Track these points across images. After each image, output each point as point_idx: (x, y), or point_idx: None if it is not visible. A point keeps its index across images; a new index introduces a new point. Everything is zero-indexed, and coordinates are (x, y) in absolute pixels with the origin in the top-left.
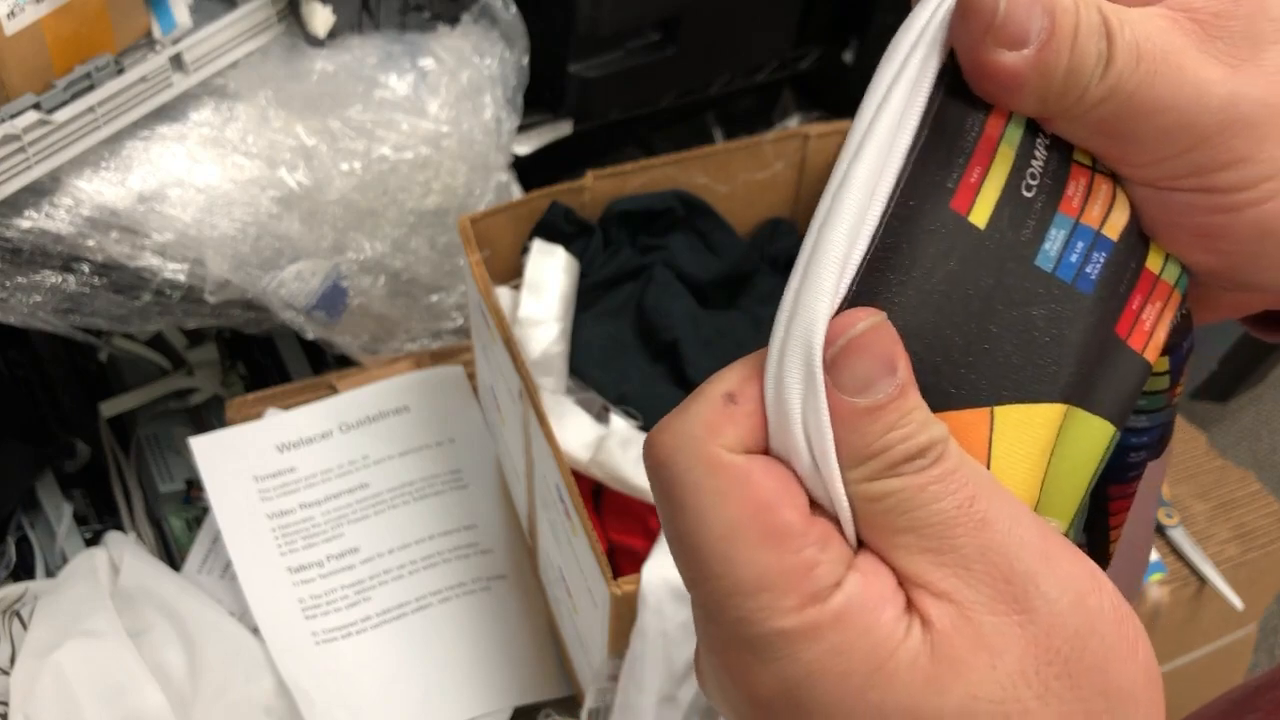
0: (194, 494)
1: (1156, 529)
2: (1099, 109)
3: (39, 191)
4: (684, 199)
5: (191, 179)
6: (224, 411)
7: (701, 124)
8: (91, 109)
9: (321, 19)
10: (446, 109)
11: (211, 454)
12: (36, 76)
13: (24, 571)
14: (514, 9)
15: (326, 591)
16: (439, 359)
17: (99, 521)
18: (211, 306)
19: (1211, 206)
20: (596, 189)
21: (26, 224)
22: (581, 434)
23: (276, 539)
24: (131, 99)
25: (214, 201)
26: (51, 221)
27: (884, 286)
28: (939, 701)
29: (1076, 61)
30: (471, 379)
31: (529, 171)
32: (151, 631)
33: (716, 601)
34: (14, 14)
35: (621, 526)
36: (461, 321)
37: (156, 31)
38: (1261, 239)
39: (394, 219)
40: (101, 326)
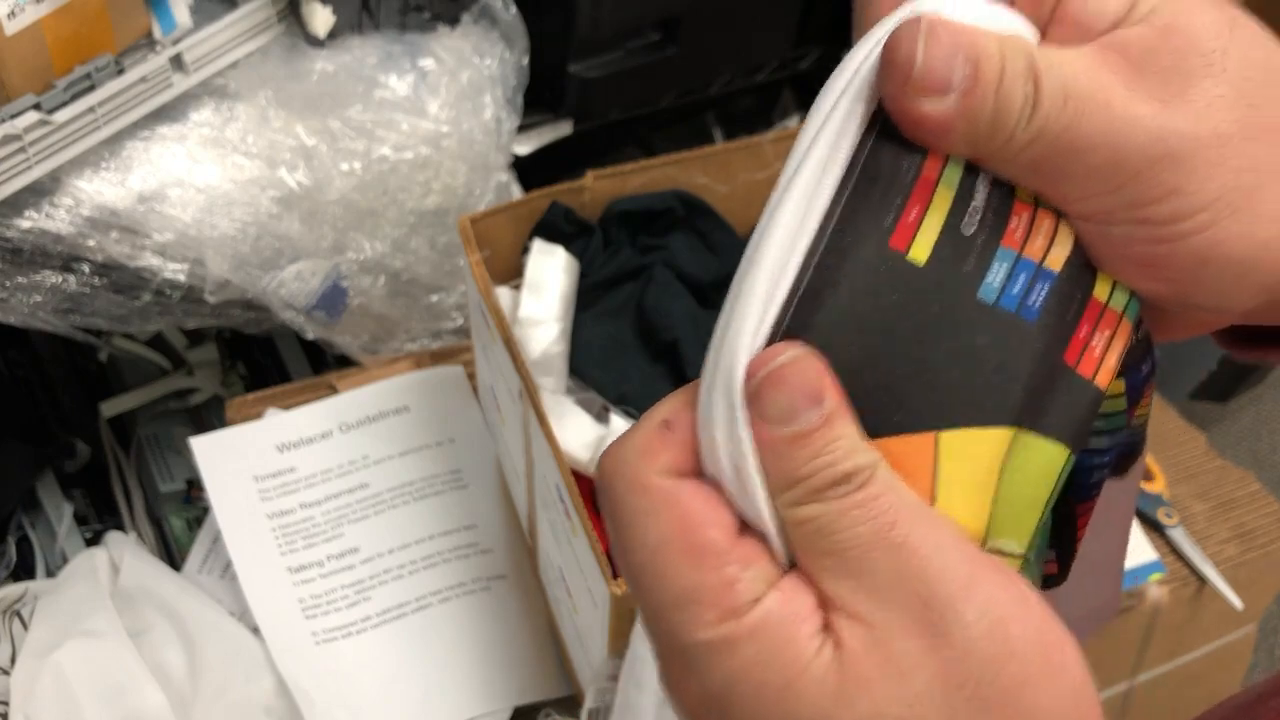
0: (194, 494)
1: (1156, 529)
2: (1029, 150)
3: (39, 191)
4: (684, 199)
5: (192, 179)
6: (224, 411)
7: (701, 124)
8: (92, 109)
9: (321, 19)
10: (446, 109)
11: (212, 454)
12: (37, 77)
13: (24, 571)
14: (514, 9)
15: (326, 591)
16: (439, 359)
17: (99, 521)
18: (211, 306)
19: (1150, 238)
20: (596, 189)
21: (27, 224)
22: (581, 434)
23: (276, 539)
24: (132, 99)
25: (214, 201)
26: (52, 221)
27: (820, 319)
28: (845, 715)
29: (1002, 105)
30: (471, 379)
31: (529, 171)
32: (152, 631)
33: (651, 613)
34: (14, 14)
35: None
36: (461, 321)
37: (157, 32)
38: (1202, 266)
39: (394, 219)
40: (101, 326)
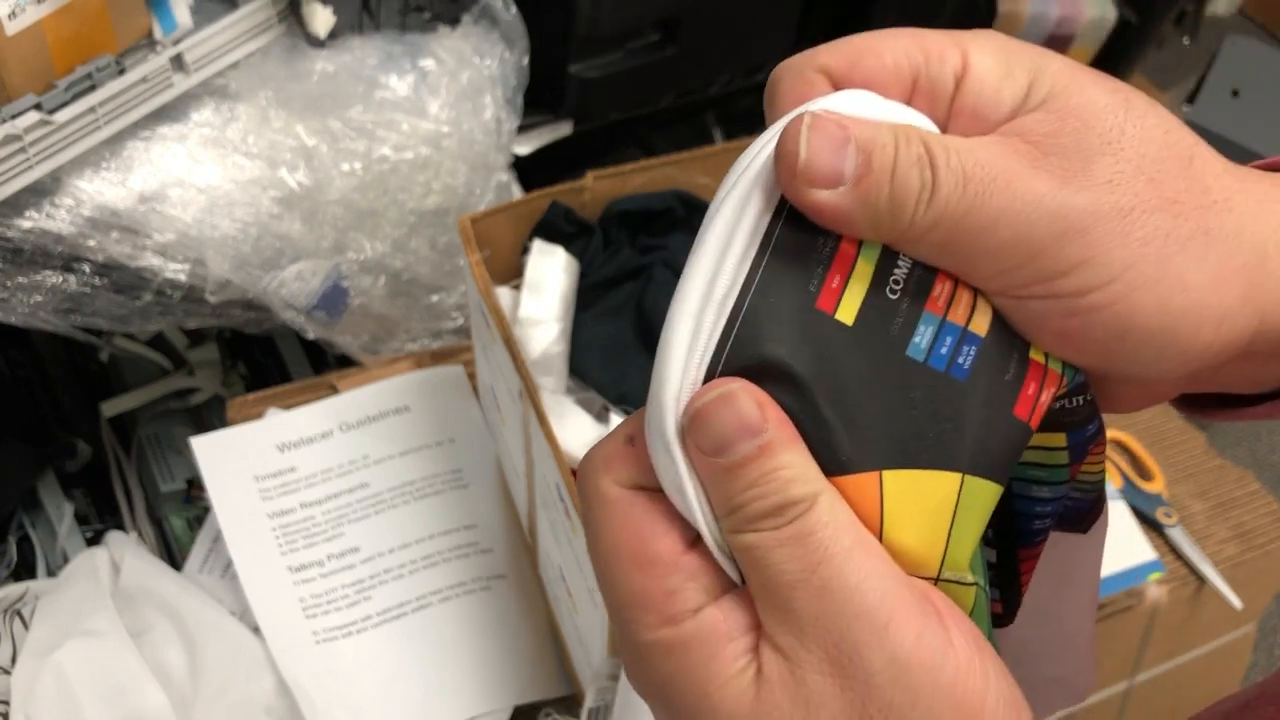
0: (195, 493)
1: (1156, 528)
2: (932, 233)
3: (40, 191)
4: (684, 199)
5: (192, 179)
6: (225, 411)
7: (701, 124)
8: (92, 109)
9: (322, 20)
10: (447, 109)
11: (212, 454)
12: (37, 77)
13: (25, 571)
14: (514, 10)
15: (327, 591)
16: (439, 359)
17: (100, 521)
18: (212, 306)
19: (1064, 311)
20: (596, 189)
21: (27, 224)
22: (581, 434)
23: (277, 538)
24: (132, 99)
25: (215, 201)
26: (52, 221)
27: (752, 364)
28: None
29: (898, 192)
30: (472, 379)
31: (529, 171)
32: (152, 631)
33: (609, 608)
34: (15, 14)
35: None
36: (462, 321)
37: (157, 32)
38: (1120, 339)
39: (394, 219)
40: (102, 326)
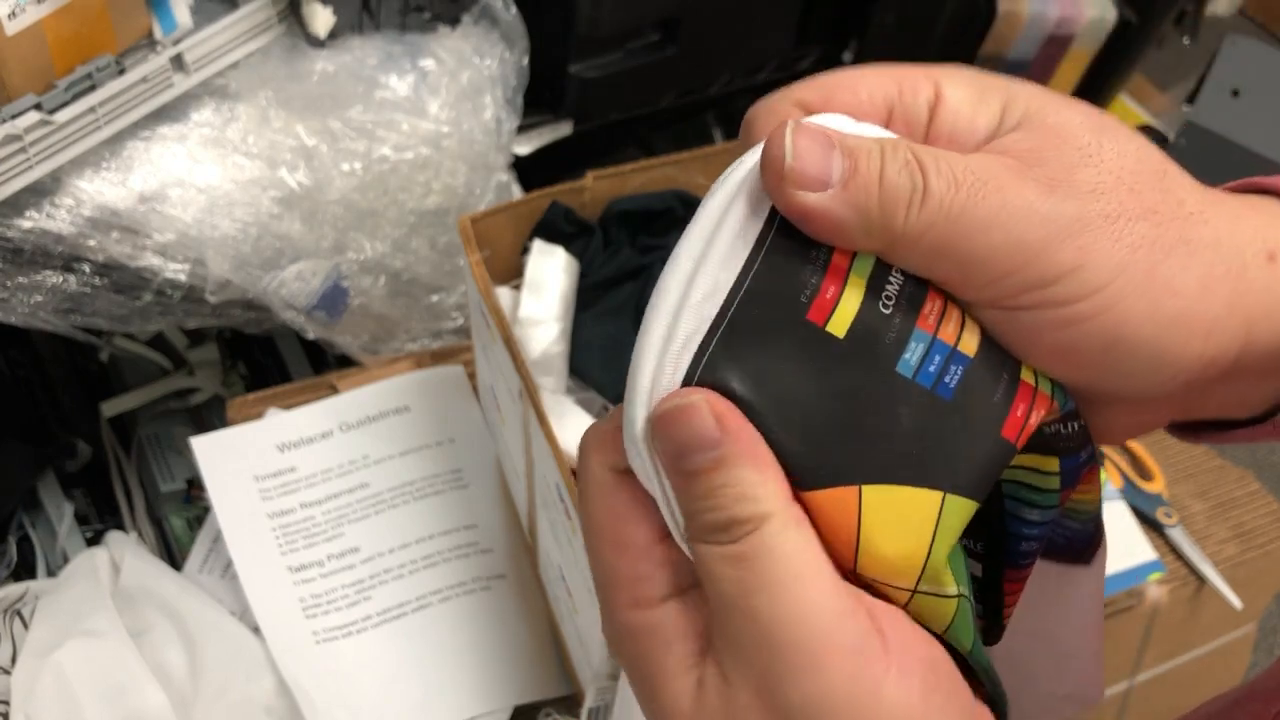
0: (195, 493)
1: (1156, 528)
2: (927, 235)
3: (40, 192)
4: (684, 199)
5: (192, 179)
6: (225, 411)
7: (701, 124)
8: (92, 109)
9: (322, 20)
10: (447, 109)
11: (212, 454)
12: (37, 77)
13: (25, 571)
14: (514, 10)
15: (327, 591)
16: (439, 359)
17: (100, 521)
18: (212, 306)
19: (1056, 322)
20: (596, 189)
21: (28, 224)
22: (581, 434)
23: (277, 538)
24: (132, 99)
25: (215, 202)
26: (52, 221)
27: (733, 374)
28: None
29: (889, 194)
30: (472, 379)
31: (529, 171)
32: (152, 631)
33: (593, 580)
34: (15, 14)
35: None
36: (462, 321)
37: (157, 32)
38: (1111, 349)
39: (394, 219)
40: (102, 326)
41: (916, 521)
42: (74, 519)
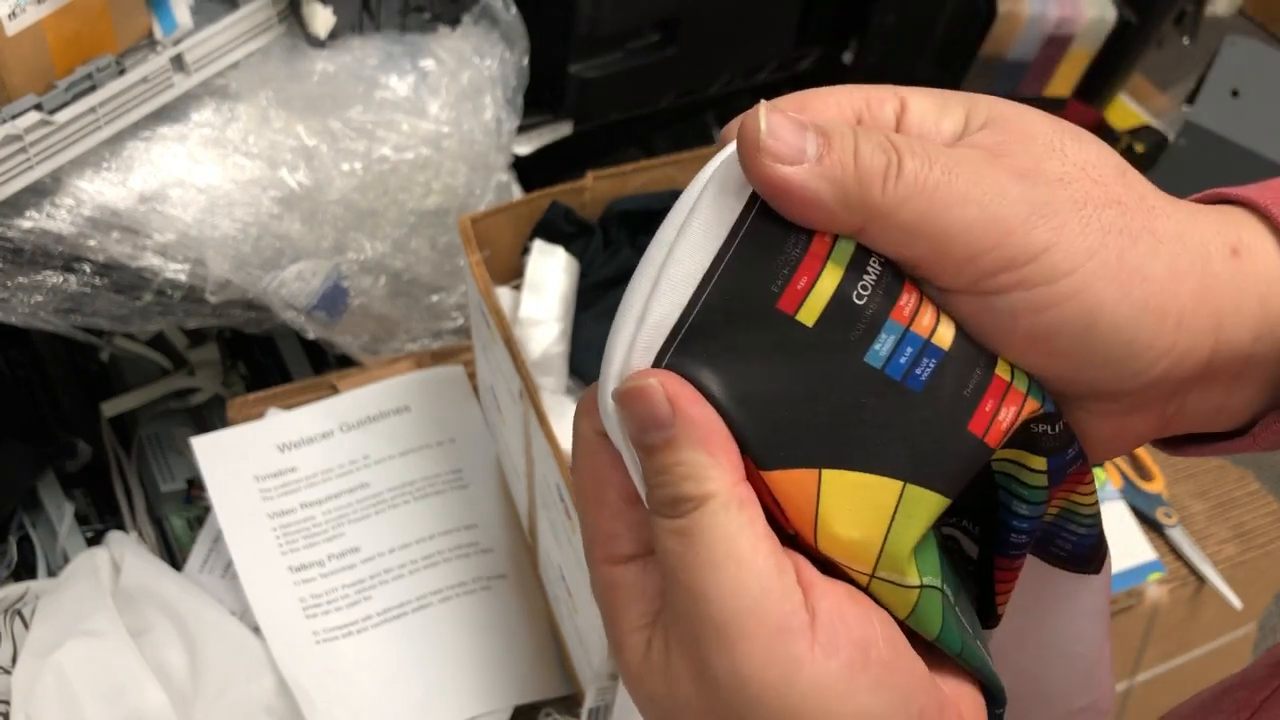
0: (195, 493)
1: (1156, 528)
2: (904, 209)
3: (40, 192)
4: None
5: (192, 179)
6: (225, 411)
7: (701, 124)
8: (93, 109)
9: (322, 20)
10: (447, 109)
11: (213, 454)
12: (38, 77)
13: (25, 571)
14: (514, 10)
15: (327, 591)
16: (439, 359)
17: (100, 521)
18: (212, 306)
19: (1032, 305)
20: (596, 189)
21: (28, 224)
22: None
23: (277, 538)
24: (132, 99)
25: (215, 202)
26: (53, 222)
27: (700, 357)
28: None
29: (865, 168)
30: (472, 379)
31: (529, 171)
32: (153, 631)
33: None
34: (15, 15)
35: None
36: (462, 321)
37: (158, 32)
38: (1085, 334)
39: (394, 219)
40: (103, 326)
41: (873, 508)
42: (74, 519)
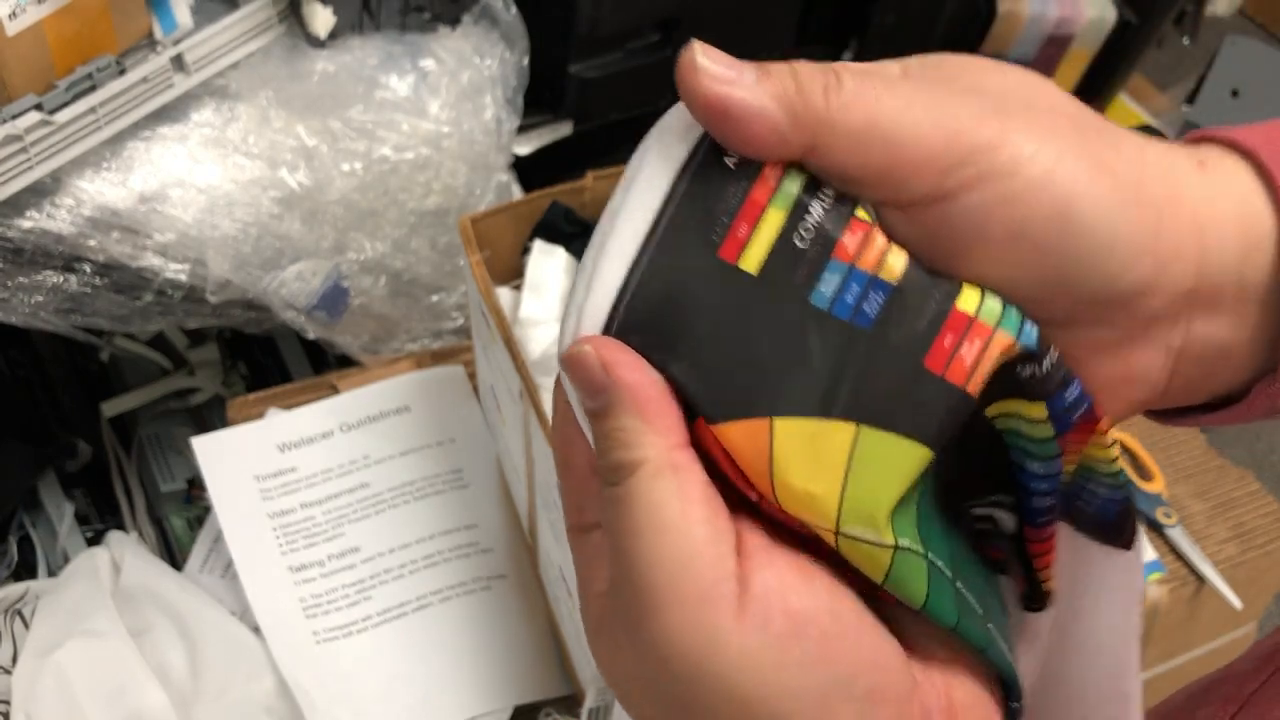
0: (195, 493)
1: (1156, 528)
2: (851, 113)
3: (40, 192)
4: None
5: (193, 179)
6: (225, 411)
7: None
8: (93, 109)
9: (322, 20)
10: (447, 109)
11: (213, 453)
12: (38, 77)
13: (26, 571)
14: (514, 10)
15: (327, 591)
16: (440, 359)
17: (100, 521)
18: (213, 306)
19: (1001, 199)
20: (596, 189)
21: (28, 224)
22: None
23: (277, 538)
24: (133, 99)
25: (215, 202)
26: (53, 221)
27: (645, 318)
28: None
29: (805, 84)
30: (472, 379)
31: (529, 171)
32: (153, 631)
33: None
34: (15, 15)
35: None
36: (462, 321)
37: (158, 32)
38: (1063, 221)
39: (395, 219)
40: (103, 326)
41: (828, 455)
42: (74, 519)
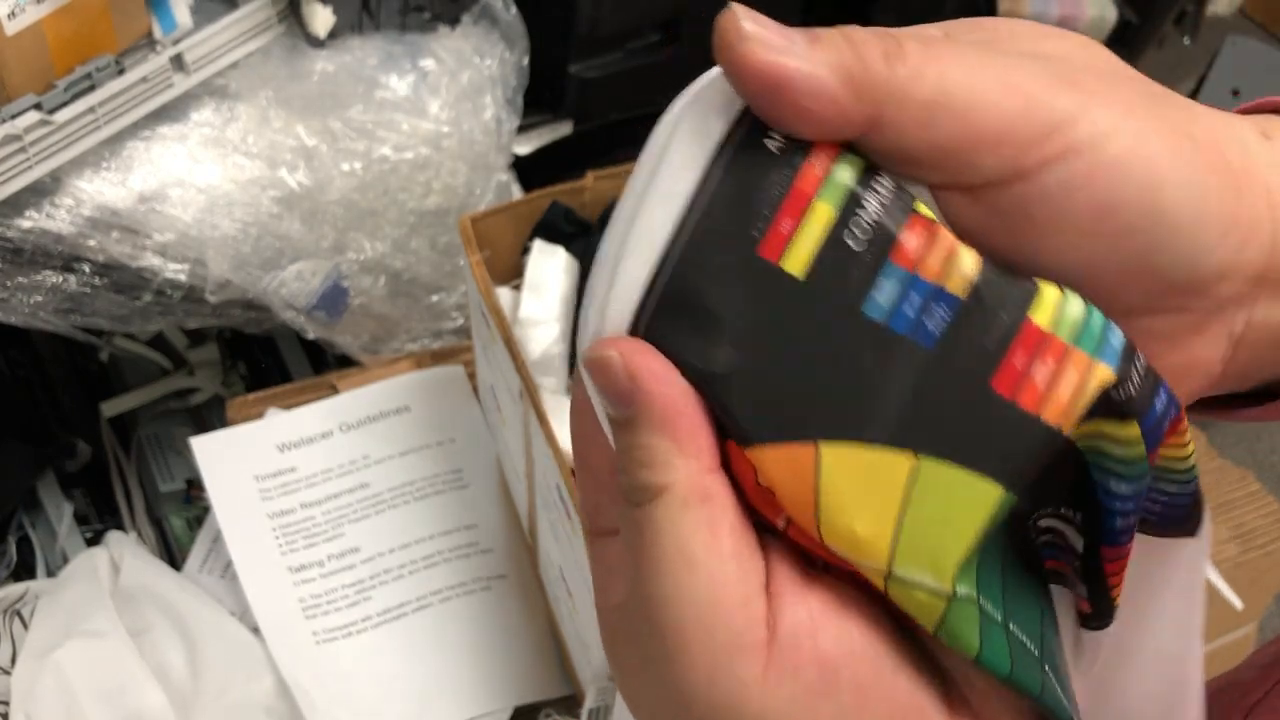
0: (195, 494)
1: None
2: (920, 82)
3: (40, 191)
4: None
5: (192, 179)
6: (225, 411)
7: None
8: (92, 109)
9: (322, 19)
10: (447, 109)
11: (212, 454)
12: (37, 77)
13: (25, 571)
14: (514, 10)
15: (327, 591)
16: (439, 359)
17: (100, 521)
18: (212, 306)
19: (1089, 175)
20: (596, 189)
21: (28, 224)
22: None
23: (277, 538)
24: (132, 99)
25: (215, 201)
26: (52, 221)
27: (673, 323)
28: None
29: (863, 50)
30: (472, 379)
31: (529, 171)
32: (152, 631)
33: None
34: (15, 14)
35: None
36: (462, 321)
37: (157, 32)
38: (1154, 196)
39: (394, 219)
40: (102, 326)
41: (882, 487)
42: (74, 519)
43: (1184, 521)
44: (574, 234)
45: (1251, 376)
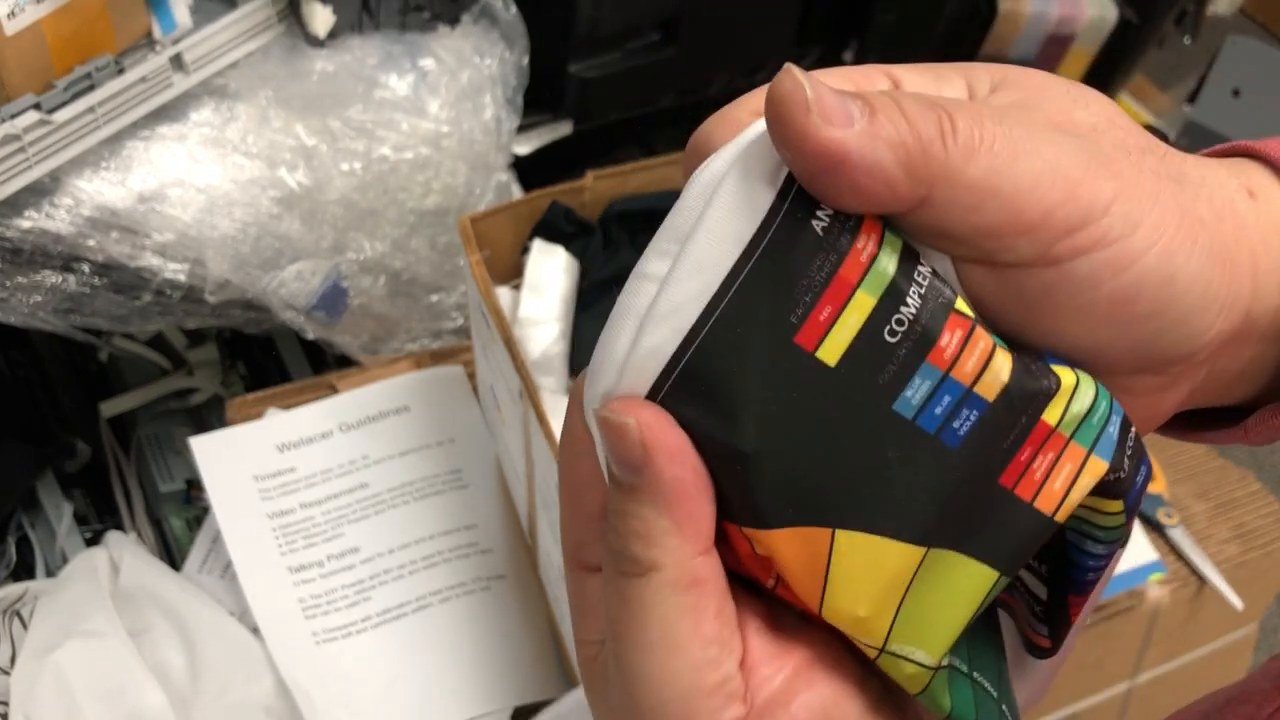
0: (194, 494)
1: (1157, 529)
2: (972, 164)
3: (39, 191)
4: None
5: (192, 179)
6: (224, 411)
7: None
8: (92, 109)
9: (322, 19)
10: (447, 109)
11: (212, 454)
12: (37, 76)
13: (24, 571)
14: (514, 9)
15: (326, 591)
16: (439, 359)
17: (99, 521)
18: (212, 306)
19: (1113, 265)
20: (596, 189)
21: (27, 224)
22: None
23: (277, 539)
24: (132, 99)
25: (214, 201)
26: (52, 221)
27: (699, 398)
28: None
29: (918, 128)
30: (472, 379)
31: (529, 171)
32: (152, 631)
33: None
34: (14, 14)
35: None
36: (462, 321)
37: (157, 32)
38: (1169, 286)
39: (394, 219)
40: (102, 326)
41: (889, 577)
42: (73, 519)
43: (1082, 589)
44: (574, 234)
45: (1203, 404)
